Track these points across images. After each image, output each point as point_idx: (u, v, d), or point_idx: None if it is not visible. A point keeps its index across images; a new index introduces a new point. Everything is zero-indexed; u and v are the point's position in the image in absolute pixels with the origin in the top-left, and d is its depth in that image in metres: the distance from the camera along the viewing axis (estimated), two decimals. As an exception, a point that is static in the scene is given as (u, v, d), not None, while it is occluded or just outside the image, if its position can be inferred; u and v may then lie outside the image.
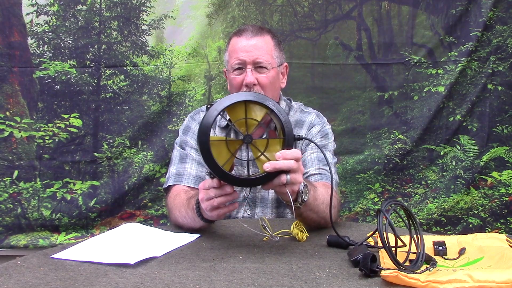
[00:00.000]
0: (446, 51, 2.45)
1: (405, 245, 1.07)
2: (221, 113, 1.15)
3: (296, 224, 1.29)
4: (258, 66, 1.54)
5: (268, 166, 1.13)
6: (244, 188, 1.58)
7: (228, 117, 1.57)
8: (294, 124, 1.63)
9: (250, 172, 1.24)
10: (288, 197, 1.17)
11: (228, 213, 1.26)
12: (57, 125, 2.39)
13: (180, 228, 1.42)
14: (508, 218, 2.49)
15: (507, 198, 2.48)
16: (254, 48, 1.54)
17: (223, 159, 1.15)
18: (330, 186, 1.49)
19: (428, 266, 0.99)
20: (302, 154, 1.57)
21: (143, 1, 2.39)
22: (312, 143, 1.59)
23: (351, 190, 2.49)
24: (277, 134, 1.20)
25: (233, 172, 1.19)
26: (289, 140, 1.16)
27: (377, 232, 1.14)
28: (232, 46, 1.58)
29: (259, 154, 1.16)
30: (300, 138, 1.26)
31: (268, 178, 1.15)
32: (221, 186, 1.18)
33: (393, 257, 0.99)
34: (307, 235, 1.27)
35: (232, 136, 1.52)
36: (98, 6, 2.37)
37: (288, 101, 1.72)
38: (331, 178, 1.27)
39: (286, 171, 1.14)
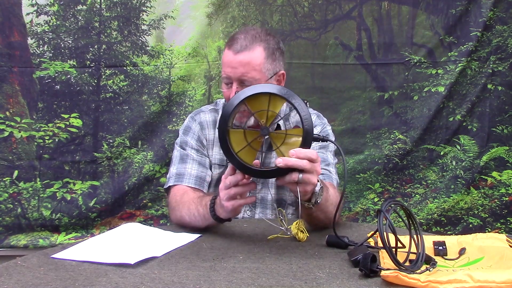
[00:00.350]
0: (446, 51, 2.45)
1: (404, 246, 1.07)
2: (243, 102, 1.15)
3: (296, 224, 1.29)
4: (244, 84, 1.50)
5: (280, 162, 1.12)
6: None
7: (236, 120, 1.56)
8: (294, 125, 1.62)
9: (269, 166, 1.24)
10: (298, 196, 1.16)
11: (243, 205, 1.24)
12: (57, 125, 2.39)
13: (183, 226, 1.42)
14: (508, 218, 2.49)
15: (507, 198, 2.49)
16: (240, 65, 1.49)
17: (240, 148, 1.16)
18: (334, 186, 1.50)
19: (428, 266, 0.99)
20: None
21: (143, 1, 2.39)
22: (312, 144, 1.58)
23: (351, 190, 2.50)
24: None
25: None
26: (307, 138, 1.15)
27: (377, 233, 1.14)
28: (223, 57, 1.55)
29: (276, 147, 1.16)
30: (319, 139, 1.24)
31: (280, 173, 1.15)
32: (235, 173, 1.18)
33: (393, 257, 0.99)
34: (307, 235, 1.27)
35: None
36: (98, 6, 2.37)
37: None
38: (345, 177, 1.26)
39: (299, 170, 1.13)
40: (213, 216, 1.30)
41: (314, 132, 1.17)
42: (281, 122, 1.61)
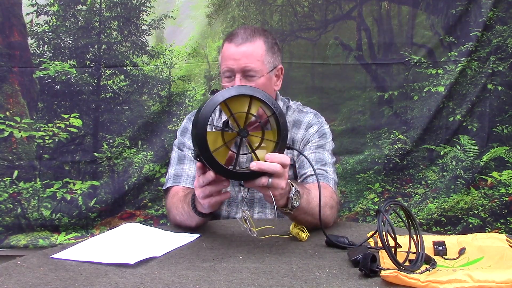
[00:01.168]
0: (446, 51, 2.45)
1: (400, 246, 1.07)
2: (225, 102, 1.14)
3: (296, 224, 1.29)
4: (247, 75, 1.51)
5: (254, 165, 1.13)
6: (242, 188, 1.57)
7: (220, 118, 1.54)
8: (292, 124, 1.62)
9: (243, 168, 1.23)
10: (271, 200, 1.17)
11: (219, 201, 1.24)
12: (57, 125, 2.39)
13: (178, 227, 1.42)
14: (508, 218, 2.49)
15: (507, 198, 2.48)
16: (243, 56, 1.51)
17: (214, 148, 1.15)
18: (328, 187, 1.49)
19: (428, 266, 0.99)
20: (304, 150, 1.58)
21: (143, 1, 2.39)
22: (309, 143, 1.59)
23: (351, 190, 2.49)
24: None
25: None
26: (282, 144, 1.17)
27: (377, 233, 1.15)
28: (223, 52, 1.56)
29: (252, 150, 1.17)
30: (291, 148, 1.27)
31: (251, 176, 1.15)
32: (206, 171, 1.18)
33: (392, 257, 0.99)
34: (308, 234, 1.27)
35: None
36: (98, 6, 2.37)
37: (286, 100, 1.71)
38: (317, 180, 1.27)
39: (270, 174, 1.14)
40: (196, 211, 1.31)
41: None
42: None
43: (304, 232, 1.27)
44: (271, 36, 1.61)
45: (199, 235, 1.32)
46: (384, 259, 1.05)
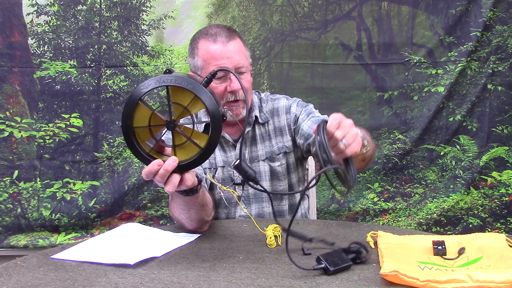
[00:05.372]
0: (446, 51, 2.45)
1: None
2: (167, 87, 1.10)
3: (273, 227, 1.25)
4: (239, 71, 1.48)
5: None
6: (236, 187, 1.56)
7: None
8: (270, 114, 1.61)
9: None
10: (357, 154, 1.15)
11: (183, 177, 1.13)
12: (58, 125, 2.39)
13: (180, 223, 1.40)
14: (508, 218, 2.49)
15: (507, 198, 2.49)
16: (233, 53, 1.48)
17: (139, 125, 1.12)
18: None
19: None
20: (300, 125, 1.56)
21: (143, 1, 2.39)
22: (300, 117, 1.57)
23: (351, 189, 2.49)
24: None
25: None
26: (206, 153, 1.08)
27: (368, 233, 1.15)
28: (208, 52, 1.49)
29: (184, 141, 1.09)
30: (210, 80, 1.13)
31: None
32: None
33: (342, 176, 1.03)
34: (279, 244, 1.23)
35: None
36: (98, 6, 2.37)
37: (257, 93, 1.67)
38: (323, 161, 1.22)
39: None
40: (181, 193, 1.23)
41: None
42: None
43: (277, 238, 1.22)
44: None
45: (199, 235, 1.32)
46: (383, 257, 1.05)
